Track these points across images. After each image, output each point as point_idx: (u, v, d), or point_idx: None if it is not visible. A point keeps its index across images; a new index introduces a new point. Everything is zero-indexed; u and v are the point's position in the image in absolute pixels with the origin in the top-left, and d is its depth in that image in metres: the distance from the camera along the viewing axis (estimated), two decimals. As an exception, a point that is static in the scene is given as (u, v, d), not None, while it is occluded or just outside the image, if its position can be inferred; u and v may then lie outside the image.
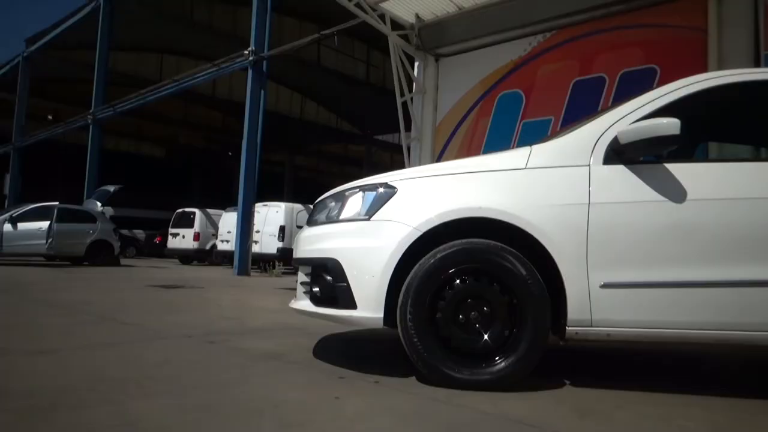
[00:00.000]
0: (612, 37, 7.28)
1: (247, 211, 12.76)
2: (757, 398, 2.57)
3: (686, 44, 6.61)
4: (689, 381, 3.04)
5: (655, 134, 2.38)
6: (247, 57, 12.85)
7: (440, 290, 2.48)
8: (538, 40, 7.99)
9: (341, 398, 2.22)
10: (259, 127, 12.77)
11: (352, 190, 2.78)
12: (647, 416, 2.17)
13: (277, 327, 4.17)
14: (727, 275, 2.40)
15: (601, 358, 3.56)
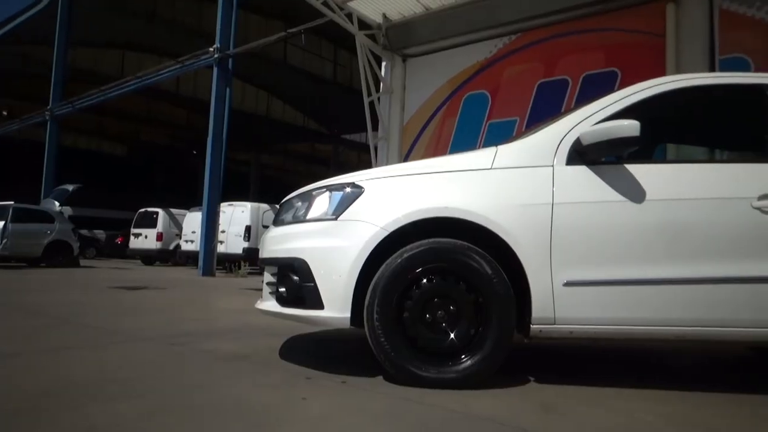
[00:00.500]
0: (575, 41, 7.44)
1: (212, 210, 12.56)
2: (712, 391, 2.66)
3: (646, 49, 6.79)
4: (649, 376, 3.13)
5: (616, 136, 2.44)
6: (213, 54, 12.65)
7: (407, 290, 2.49)
8: (504, 42, 8.10)
9: (308, 399, 2.21)
10: (224, 126, 12.59)
11: (319, 190, 2.77)
12: (609, 410, 2.22)
13: (243, 328, 4.12)
14: (685, 273, 2.48)
15: (565, 356, 3.63)
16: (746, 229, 2.50)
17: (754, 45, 6.20)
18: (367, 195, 2.61)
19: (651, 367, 3.44)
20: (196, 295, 7.29)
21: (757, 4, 6.21)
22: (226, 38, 12.68)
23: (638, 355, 3.75)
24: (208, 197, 12.52)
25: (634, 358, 3.68)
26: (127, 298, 6.29)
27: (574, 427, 1.99)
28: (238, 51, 12.87)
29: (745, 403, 2.47)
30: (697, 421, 2.14)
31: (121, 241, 21.38)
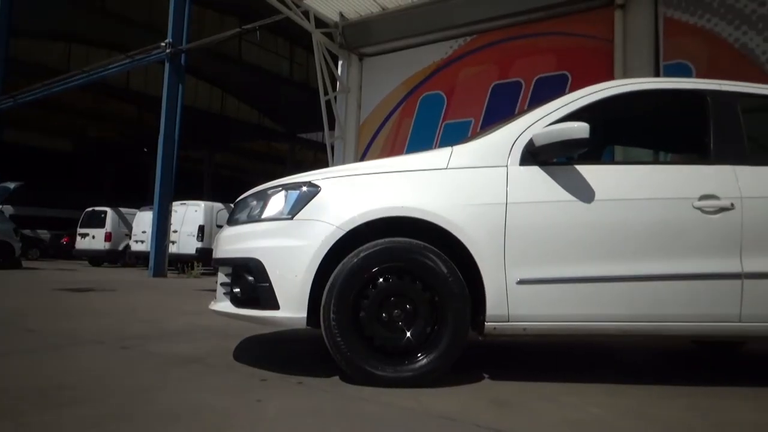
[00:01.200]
0: (528, 44, 7.60)
1: (164, 209, 12.24)
2: (659, 384, 2.77)
3: (595, 53, 7.00)
4: (601, 371, 3.23)
5: (567, 137, 2.51)
6: (164, 49, 12.31)
7: (364, 289, 2.49)
8: (459, 43, 8.20)
9: (263, 401, 2.18)
10: (176, 123, 12.29)
11: (274, 189, 2.74)
12: (562, 404, 2.28)
13: (196, 330, 4.03)
14: (632, 270, 2.57)
15: (519, 352, 3.71)
16: (687, 228, 2.62)
17: (695, 51, 6.48)
18: (324, 194, 2.60)
19: (603, 362, 3.55)
20: (147, 296, 7.09)
21: (699, 13, 6.49)
22: (179, 33, 12.37)
23: (591, 351, 3.86)
24: (159, 196, 12.19)
25: (587, 353, 3.79)
26: (74, 301, 6.05)
27: (527, 421, 2.04)
28: (191, 46, 12.58)
29: (688, 394, 2.58)
30: (645, 413, 2.22)
31: (66, 241, 20.61)
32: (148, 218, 13.47)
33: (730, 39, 6.31)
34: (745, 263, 2.61)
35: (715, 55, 6.35)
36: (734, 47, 6.27)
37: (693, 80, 3.35)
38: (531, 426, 1.98)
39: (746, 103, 2.91)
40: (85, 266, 16.64)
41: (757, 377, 3.16)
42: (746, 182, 2.68)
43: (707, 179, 2.70)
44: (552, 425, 2.00)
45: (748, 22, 6.22)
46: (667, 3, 6.70)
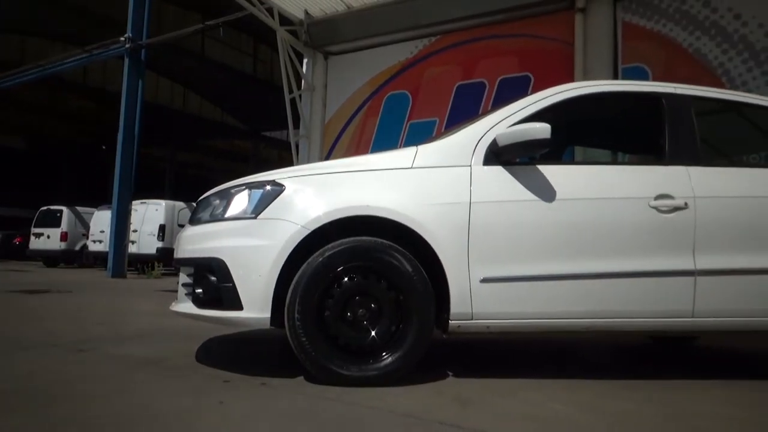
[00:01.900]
0: (492, 45, 7.70)
1: (123, 208, 11.93)
2: (618, 379, 2.85)
3: (556, 55, 7.15)
4: (563, 367, 3.30)
5: (529, 137, 2.56)
6: (124, 44, 11.99)
7: (328, 288, 2.47)
8: (424, 43, 8.25)
9: (226, 403, 2.15)
10: (136, 120, 11.99)
11: (238, 188, 2.70)
12: (524, 401, 2.32)
13: (157, 332, 3.95)
14: (591, 268, 2.64)
15: (483, 350, 3.75)
16: (644, 226, 2.70)
17: (652, 55, 6.68)
18: (288, 193, 2.58)
19: (563, 358, 3.63)
20: (106, 297, 6.90)
21: (655, 18, 6.70)
22: (139, 27, 12.06)
23: (552, 347, 3.94)
24: (118, 194, 11.88)
25: (548, 350, 3.87)
26: (28, 303, 5.84)
27: (489, 417, 2.06)
28: (152, 42, 12.29)
29: (645, 388, 2.65)
30: (604, 408, 2.27)
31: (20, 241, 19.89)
32: (107, 217, 13.11)
33: (684, 44, 6.53)
34: (698, 261, 2.70)
35: (670, 59, 6.56)
36: (688, 52, 6.49)
37: (649, 83, 3.46)
38: (493, 422, 2.00)
39: (699, 105, 3.01)
40: (39, 267, 16.09)
41: (709, 370, 3.28)
42: (699, 182, 2.78)
43: (662, 179, 2.78)
44: (514, 421, 2.04)
45: (701, 28, 6.45)
46: (626, 8, 6.89)
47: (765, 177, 2.94)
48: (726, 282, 2.73)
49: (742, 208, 2.81)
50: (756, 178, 2.92)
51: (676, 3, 6.60)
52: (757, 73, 6.13)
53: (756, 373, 3.27)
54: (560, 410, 2.21)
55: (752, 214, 2.81)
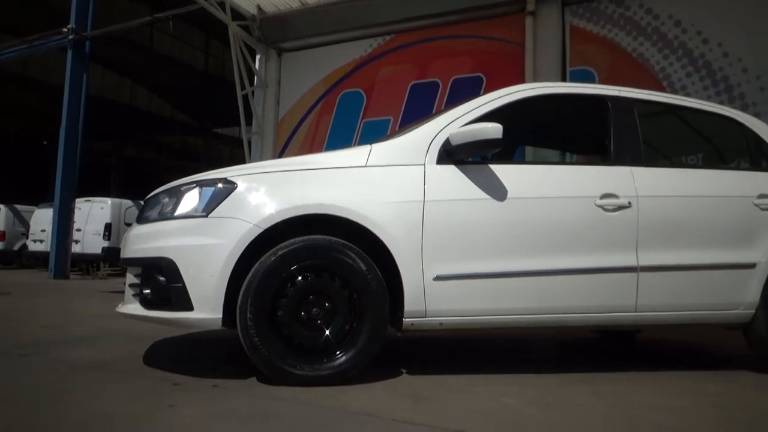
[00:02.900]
0: (445, 45, 7.79)
1: (66, 206, 11.45)
2: (565, 372, 2.94)
3: (507, 56, 7.29)
4: (514, 362, 3.37)
5: (481, 137, 2.61)
6: (67, 35, 11.49)
7: (282, 288, 2.45)
8: (378, 42, 8.26)
9: (176, 406, 2.09)
10: (80, 114, 11.51)
11: (188, 186, 2.64)
12: (477, 396, 2.36)
13: (103, 334, 3.81)
14: (542, 265, 2.71)
15: (435, 347, 3.79)
16: (590, 225, 2.79)
17: (598, 59, 6.91)
18: (240, 191, 2.54)
19: (514, 354, 3.71)
20: (49, 299, 6.61)
21: (601, 23, 6.93)
22: (83, 18, 11.59)
23: (503, 343, 4.02)
24: (60, 192, 11.38)
25: (500, 346, 3.95)
26: (-39, 306, 5.54)
27: (442, 414, 2.09)
28: (97, 33, 11.82)
29: (592, 380, 2.75)
30: (553, 401, 2.34)
31: (-48, 241, 18.78)
32: (48, 216, 12.54)
33: (628, 48, 6.78)
34: (641, 257, 2.82)
35: (615, 63, 6.80)
36: (632, 57, 6.75)
37: (596, 86, 3.58)
38: (445, 418, 2.03)
39: (642, 108, 3.14)
40: (-26, 268, 15.28)
41: (651, 362, 3.42)
42: (642, 182, 2.90)
43: (608, 179, 2.88)
44: (465, 416, 2.07)
45: (644, 34, 6.71)
46: (573, 12, 7.10)
47: (702, 177, 3.09)
48: (666, 277, 2.86)
49: (680, 207, 2.94)
50: (693, 179, 3.07)
51: (621, 9, 6.84)
52: (695, 78, 6.43)
53: (695, 364, 3.44)
54: (511, 404, 2.26)
55: (690, 213, 2.95)
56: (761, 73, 6.07)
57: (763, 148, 3.36)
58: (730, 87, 6.23)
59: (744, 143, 3.40)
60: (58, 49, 12.29)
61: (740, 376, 3.02)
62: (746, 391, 2.68)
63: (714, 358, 3.74)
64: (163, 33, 21.65)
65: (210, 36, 25.51)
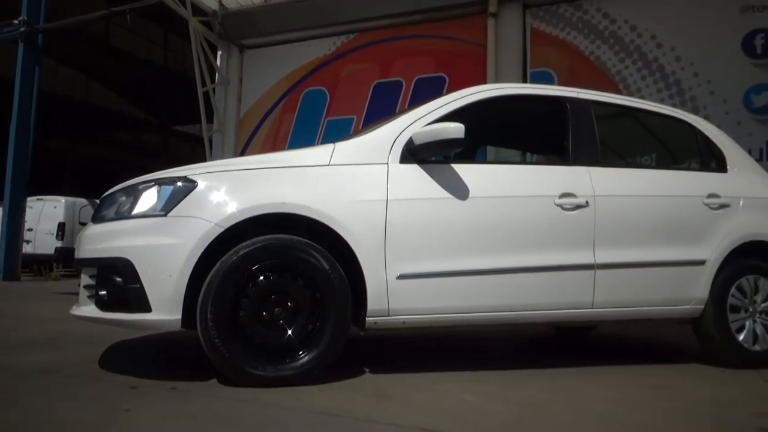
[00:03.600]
0: (408, 45, 7.82)
1: (16, 205, 11.02)
2: (524, 368, 2.99)
3: (470, 57, 7.38)
4: (474, 359, 3.42)
5: (444, 137, 2.63)
6: (18, 27, 11.06)
7: (243, 288, 2.41)
8: (342, 40, 8.24)
9: (133, 410, 2.04)
10: (32, 110, 11.10)
11: (146, 184, 2.57)
12: (438, 393, 2.38)
13: (56, 338, 3.68)
14: (503, 263, 2.75)
15: (398, 345, 3.81)
16: (549, 223, 2.85)
17: (558, 61, 7.06)
18: (201, 190, 2.49)
19: (475, 351, 3.76)
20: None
21: (560, 26, 7.08)
22: (35, 10, 11.18)
23: (465, 340, 4.07)
24: (11, 190, 10.95)
25: (461, 343, 3.99)
26: None
27: (405, 411, 2.10)
28: (50, 26, 11.43)
29: (550, 376, 2.81)
30: (513, 397, 2.38)
31: None
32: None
33: (586, 51, 6.95)
34: (597, 255, 2.89)
35: (574, 66, 6.96)
36: (590, 59, 6.92)
37: (555, 87, 3.66)
38: (408, 416, 2.04)
39: (599, 110, 3.22)
40: None
41: (606, 356, 3.51)
42: (599, 182, 2.98)
43: (566, 178, 2.95)
44: (427, 414, 2.09)
45: (602, 37, 6.90)
46: (534, 15, 7.23)
47: (655, 177, 3.20)
48: (621, 275, 2.95)
49: (635, 206, 3.04)
50: (647, 178, 3.18)
51: (579, 13, 7.01)
52: (649, 81, 6.64)
53: (648, 358, 3.55)
54: (471, 401, 2.29)
55: (643, 212, 3.05)
56: (711, 77, 6.32)
57: (712, 149, 3.50)
58: (681, 90, 6.46)
59: (695, 145, 3.53)
60: (8, 41, 11.82)
61: (690, 368, 3.13)
62: (695, 383, 2.79)
63: (666, 352, 3.87)
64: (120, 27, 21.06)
65: (169, 31, 24.97)
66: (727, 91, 6.24)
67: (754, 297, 3.21)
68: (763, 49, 6.16)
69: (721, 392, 2.60)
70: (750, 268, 3.22)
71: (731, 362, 3.11)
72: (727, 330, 3.11)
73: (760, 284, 3.22)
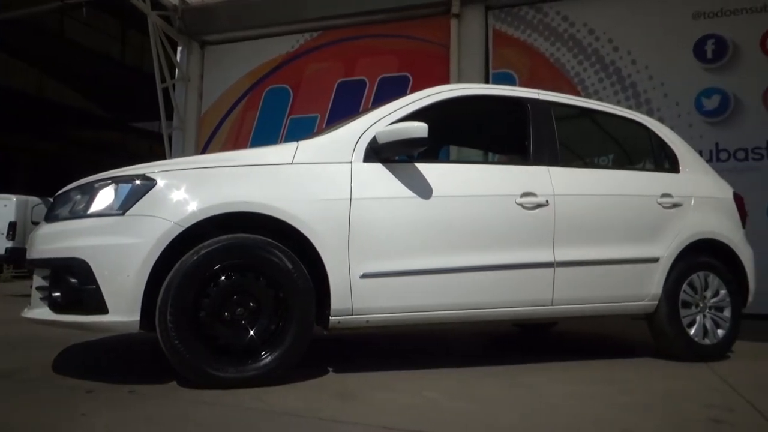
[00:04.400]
0: (372, 44, 7.82)
1: (-35, 204, 10.58)
2: (485, 365, 3.03)
3: (433, 57, 7.42)
4: (437, 358, 3.45)
5: (407, 136, 2.64)
6: (-36, 18, 10.62)
7: (204, 287, 2.37)
8: (306, 38, 8.18)
9: (89, 414, 1.98)
10: (-20, 104, 10.66)
11: (102, 182, 2.50)
12: (401, 391, 2.39)
13: (7, 341, 3.55)
14: (466, 262, 2.78)
15: (362, 345, 3.81)
16: (511, 222, 2.90)
17: (519, 62, 7.17)
18: (160, 188, 2.43)
19: (439, 349, 3.79)
20: (-58, 305, 6.07)
21: (522, 28, 7.19)
22: (-17, 1, 10.75)
23: (429, 339, 4.10)
24: (-42, 188, 10.51)
25: (425, 341, 4.02)
26: None
27: (368, 410, 2.11)
28: (2, 17, 10.99)
29: (511, 372, 2.86)
30: (474, 393, 2.41)
31: None
32: (-56, 214, 11.54)
33: (546, 54, 7.08)
34: (557, 253, 2.96)
35: (534, 67, 7.08)
36: (550, 61, 7.05)
37: (517, 88, 3.72)
38: (371, 415, 2.05)
39: (559, 111, 3.30)
40: None
41: (565, 352, 3.60)
42: (558, 181, 3.04)
43: (527, 178, 3.01)
44: (391, 412, 2.10)
45: (561, 40, 7.04)
46: (496, 16, 7.33)
47: (612, 177, 3.29)
48: (580, 272, 3.02)
49: (593, 205, 3.12)
50: (605, 178, 3.27)
51: (540, 15, 7.14)
52: (606, 83, 6.81)
53: (605, 353, 3.64)
54: (434, 398, 2.31)
55: (601, 211, 3.13)
56: (665, 80, 6.52)
57: (665, 150, 3.62)
58: (637, 93, 6.65)
59: (649, 146, 3.65)
60: (-46, 33, 11.32)
61: (645, 362, 3.24)
62: (649, 376, 2.89)
63: (623, 347, 3.99)
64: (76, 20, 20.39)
65: (127, 25, 24.32)
66: (680, 94, 6.46)
67: (705, 293, 3.33)
68: (713, 54, 6.39)
69: (674, 385, 2.70)
70: (701, 265, 3.35)
71: (683, 356, 3.23)
72: (679, 325, 3.23)
73: (709, 280, 3.35)
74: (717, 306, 3.36)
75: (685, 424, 2.08)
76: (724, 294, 3.37)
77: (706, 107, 6.34)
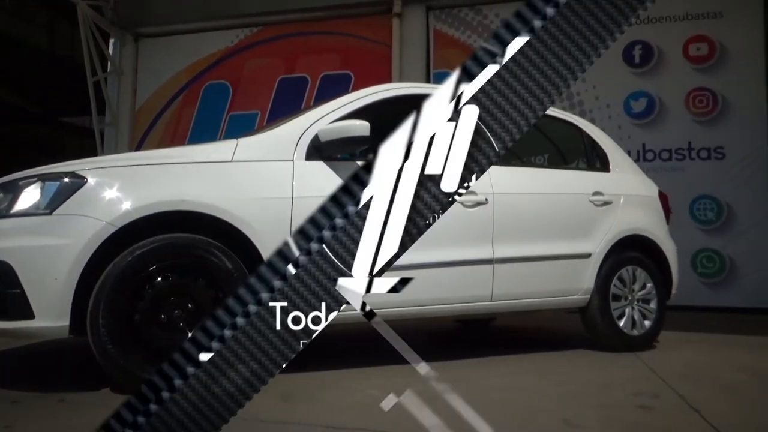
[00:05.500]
0: (314, 41, 7.76)
1: None
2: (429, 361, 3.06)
3: (375, 56, 7.45)
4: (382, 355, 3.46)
5: (349, 134, 2.63)
6: None
7: (140, 290, 2.29)
8: (246, 33, 8.01)
9: (15, 426, 1.88)
10: None
11: (27, 180, 2.37)
12: (345, 390, 2.40)
13: None
14: (409, 259, 2.77)
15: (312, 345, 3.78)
16: (452, 220, 2.93)
17: (459, 62, 7.26)
18: (91, 186, 2.33)
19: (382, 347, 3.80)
20: None
21: (462, 29, 7.32)
22: None
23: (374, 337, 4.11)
24: None
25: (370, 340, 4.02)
26: None
27: (313, 410, 2.10)
28: None
29: (453, 367, 2.91)
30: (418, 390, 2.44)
31: None
32: None
33: (486, 55, 7.23)
34: (496, 250, 3.03)
35: (474, 68, 7.22)
36: (489, 62, 7.21)
37: (456, 89, 3.77)
38: (315, 414, 2.04)
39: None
40: None
41: (505, 346, 3.70)
42: (497, 180, 3.11)
43: (467, 177, 3.06)
44: (334, 411, 2.10)
45: (500, 41, 7.21)
46: (437, 17, 7.43)
47: (547, 176, 3.42)
48: (517, 268, 3.11)
49: (529, 203, 3.22)
50: (540, 177, 3.38)
51: (479, 17, 7.29)
52: (544, 85, 7.03)
53: (542, 346, 3.77)
54: (378, 396, 2.32)
55: (537, 209, 3.24)
56: (596, 83, 6.80)
57: (597, 150, 3.78)
58: (570, 94, 6.91)
59: (582, 146, 3.80)
60: None
61: (578, 354, 3.38)
62: (582, 367, 3.02)
63: (557, 340, 4.14)
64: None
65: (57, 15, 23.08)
66: (610, 96, 6.75)
67: (633, 286, 3.51)
68: (640, 59, 6.72)
69: (605, 375, 2.83)
70: (629, 259, 3.53)
71: (614, 347, 3.39)
72: (610, 317, 3.38)
73: (637, 274, 3.53)
74: (644, 298, 3.54)
75: (617, 412, 2.19)
76: (651, 287, 3.56)
77: (633, 109, 6.66)
